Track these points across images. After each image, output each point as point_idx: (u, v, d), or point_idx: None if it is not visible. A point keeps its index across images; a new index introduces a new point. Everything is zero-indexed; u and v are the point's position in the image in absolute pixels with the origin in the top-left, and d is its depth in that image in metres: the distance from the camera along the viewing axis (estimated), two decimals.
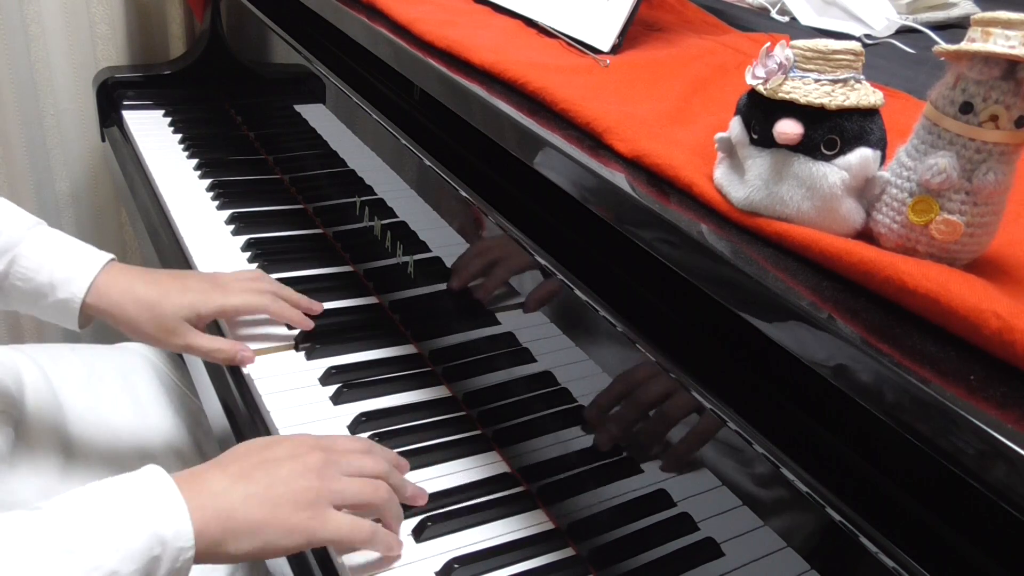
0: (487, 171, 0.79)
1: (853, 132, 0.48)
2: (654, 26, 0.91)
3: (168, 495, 0.54)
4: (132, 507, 0.53)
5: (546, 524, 0.72)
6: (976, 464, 0.37)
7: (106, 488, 0.54)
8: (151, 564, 0.51)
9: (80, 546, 0.49)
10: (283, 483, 0.60)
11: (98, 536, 0.50)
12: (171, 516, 0.53)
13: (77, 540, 0.50)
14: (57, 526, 0.50)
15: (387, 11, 0.89)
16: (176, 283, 0.85)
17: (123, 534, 0.51)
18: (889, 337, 0.42)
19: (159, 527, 0.52)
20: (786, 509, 0.50)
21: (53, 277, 0.80)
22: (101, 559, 0.50)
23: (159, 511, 0.53)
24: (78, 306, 0.82)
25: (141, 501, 0.53)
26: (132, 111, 1.44)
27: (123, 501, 0.53)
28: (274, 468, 0.61)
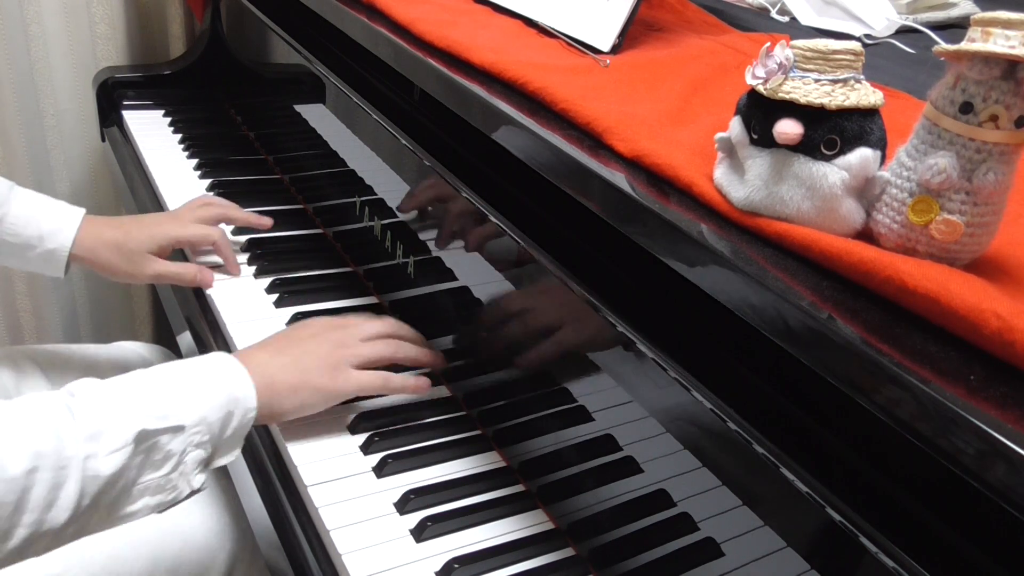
0: (487, 171, 0.79)
1: (853, 132, 0.48)
2: (654, 26, 0.91)
3: (235, 366, 0.69)
4: (213, 374, 0.68)
5: (546, 524, 0.72)
6: (976, 464, 0.37)
7: (191, 363, 0.68)
8: (227, 418, 0.66)
9: (182, 398, 0.63)
10: (310, 354, 0.74)
11: (192, 393, 0.64)
12: (239, 381, 0.68)
13: (178, 393, 0.64)
14: (157, 382, 0.64)
15: (387, 11, 0.89)
16: (135, 223, 0.99)
17: (208, 393, 0.65)
18: (889, 337, 0.42)
19: (232, 389, 0.67)
20: (786, 509, 0.50)
21: (41, 230, 0.92)
22: (198, 408, 0.64)
23: (231, 377, 0.68)
24: (66, 254, 0.94)
25: (218, 370, 0.68)
26: (132, 111, 1.44)
27: (206, 370, 0.68)
28: (302, 344, 0.75)
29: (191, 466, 0.64)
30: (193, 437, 0.63)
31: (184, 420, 0.62)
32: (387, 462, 0.75)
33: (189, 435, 0.62)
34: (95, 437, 0.58)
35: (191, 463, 0.63)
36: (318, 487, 0.73)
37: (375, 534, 0.69)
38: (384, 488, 0.73)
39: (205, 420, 0.63)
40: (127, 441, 0.59)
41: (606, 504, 0.66)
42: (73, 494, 0.56)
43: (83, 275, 1.64)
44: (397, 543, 0.69)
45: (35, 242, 0.92)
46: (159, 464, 0.61)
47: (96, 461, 0.57)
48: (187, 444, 0.63)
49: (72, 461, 0.56)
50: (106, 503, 0.59)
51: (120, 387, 0.62)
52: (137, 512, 0.61)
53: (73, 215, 0.94)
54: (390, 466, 0.75)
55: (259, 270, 1.02)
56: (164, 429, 0.61)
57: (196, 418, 0.63)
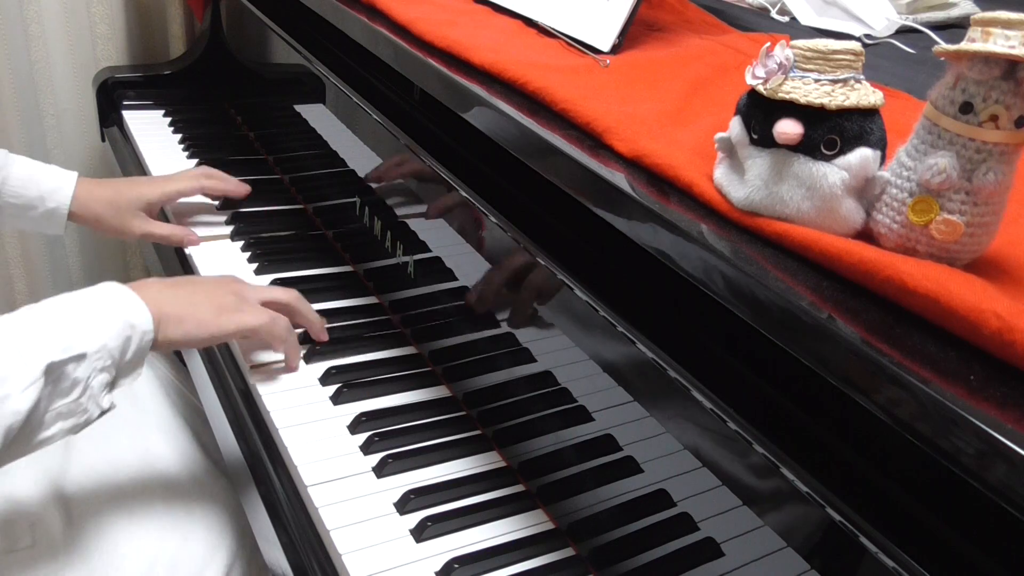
0: (487, 171, 0.79)
1: (853, 132, 0.48)
2: (654, 26, 0.91)
3: (128, 295, 0.72)
4: (108, 303, 0.71)
5: (546, 524, 0.72)
6: (976, 464, 0.37)
7: (83, 294, 0.71)
8: (126, 342, 0.69)
9: (81, 328, 0.66)
10: (201, 293, 0.79)
11: (90, 322, 0.68)
12: (134, 308, 0.71)
13: (77, 324, 0.67)
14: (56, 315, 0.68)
15: (387, 11, 0.89)
16: (126, 183, 1.08)
17: (105, 320, 0.68)
18: (889, 337, 0.42)
19: (128, 315, 0.70)
20: (786, 509, 0.50)
21: (41, 190, 1.01)
22: (98, 336, 0.67)
23: (126, 305, 0.71)
24: (66, 211, 1.02)
25: (113, 299, 0.71)
26: (132, 111, 1.44)
27: (101, 300, 0.71)
28: (198, 285, 0.81)
29: (97, 389, 0.68)
30: (96, 363, 0.67)
31: (86, 348, 0.66)
32: (387, 462, 0.75)
33: (92, 361, 0.66)
34: (5, 380, 0.61)
35: (97, 387, 0.67)
36: (318, 487, 0.73)
37: (375, 534, 0.69)
38: (384, 488, 0.73)
39: (106, 347, 0.67)
40: (37, 376, 0.62)
41: (606, 504, 0.66)
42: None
43: (83, 274, 1.64)
44: (397, 543, 0.69)
45: (36, 202, 1.00)
46: (67, 391, 0.65)
47: (12, 401, 0.61)
48: (91, 370, 0.66)
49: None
50: (25, 434, 0.63)
51: (19, 325, 0.66)
52: (53, 436, 0.65)
53: (68, 176, 1.03)
54: (390, 466, 0.75)
55: (259, 270, 1.02)
56: (69, 359, 0.65)
57: (97, 345, 0.67)
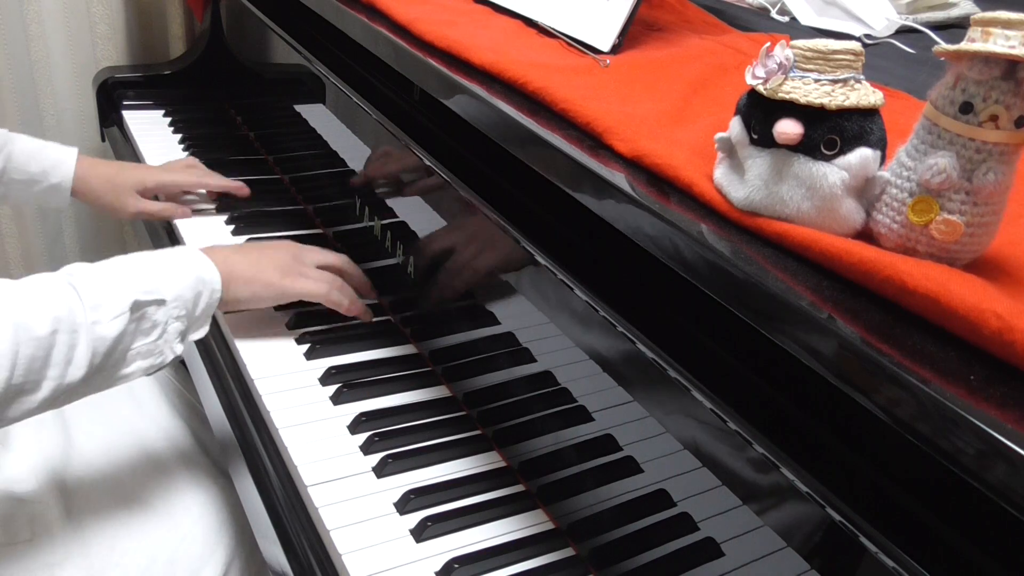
0: (487, 171, 0.79)
1: (853, 132, 0.48)
2: (654, 26, 0.91)
3: (201, 256, 0.80)
4: (184, 261, 0.78)
5: (546, 524, 0.72)
6: (976, 464, 0.37)
7: (164, 252, 0.78)
8: (198, 297, 0.77)
9: (161, 278, 0.74)
10: (267, 257, 0.86)
11: (168, 274, 0.75)
12: (206, 267, 0.79)
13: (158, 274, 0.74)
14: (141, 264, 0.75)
15: (387, 11, 0.89)
16: (125, 166, 1.14)
17: (181, 275, 0.76)
18: (889, 337, 0.42)
19: (201, 273, 0.78)
20: (786, 509, 0.50)
21: (43, 165, 1.06)
22: (176, 286, 0.74)
23: (199, 264, 0.79)
24: (69, 185, 1.07)
25: (188, 258, 0.79)
26: (132, 111, 1.44)
27: (178, 257, 0.78)
28: (262, 250, 0.88)
29: (172, 335, 0.74)
30: (173, 310, 0.73)
31: (166, 295, 0.73)
32: (387, 462, 0.75)
33: (170, 308, 0.73)
34: (97, 307, 0.67)
35: (172, 332, 0.74)
36: (318, 487, 0.73)
37: (375, 534, 0.69)
38: (384, 488, 0.73)
39: (181, 297, 0.74)
40: (124, 309, 0.69)
41: (606, 504, 0.66)
42: (86, 354, 0.66)
43: None
44: (397, 543, 0.69)
45: (40, 177, 1.06)
46: (148, 331, 0.72)
47: (101, 327, 0.67)
48: (168, 316, 0.73)
49: (82, 327, 0.66)
50: (110, 364, 0.69)
51: (110, 268, 0.72)
52: (132, 374, 0.72)
53: (69, 151, 1.08)
54: (390, 466, 0.75)
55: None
56: (151, 301, 0.71)
57: (175, 294, 0.73)
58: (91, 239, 1.63)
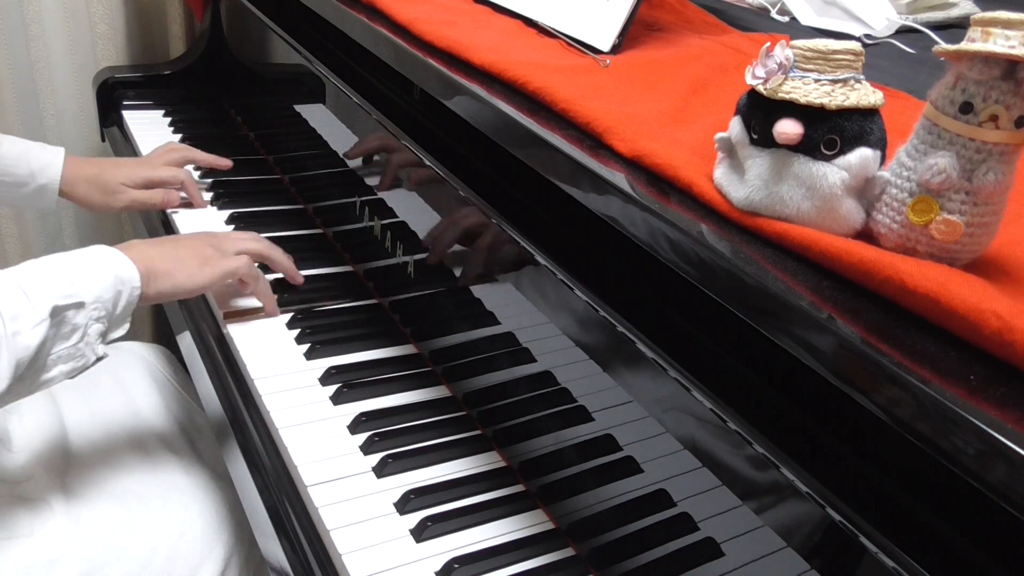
0: (487, 171, 0.79)
1: (853, 132, 0.48)
2: (654, 26, 0.91)
3: (117, 254, 0.78)
4: (100, 260, 0.76)
5: (546, 524, 0.72)
6: (976, 464, 0.37)
7: (78, 253, 0.76)
8: (118, 296, 0.75)
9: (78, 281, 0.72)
10: (186, 247, 0.86)
11: (86, 276, 0.73)
12: (123, 265, 0.77)
13: (75, 277, 0.72)
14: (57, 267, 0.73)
15: (387, 11, 0.89)
16: (110, 163, 1.14)
17: (99, 275, 0.74)
18: (889, 337, 0.42)
19: (118, 272, 0.76)
20: (786, 509, 0.50)
21: (31, 167, 1.05)
22: (94, 288, 0.73)
23: (116, 262, 0.77)
24: (57, 187, 1.07)
25: (104, 257, 0.77)
26: (132, 111, 1.44)
27: (94, 257, 0.76)
28: (180, 240, 0.88)
29: (93, 337, 0.73)
30: (93, 312, 0.73)
31: (85, 297, 0.72)
32: (387, 462, 0.75)
33: (89, 310, 0.72)
34: (16, 317, 0.66)
35: (93, 334, 0.73)
36: (318, 487, 0.73)
37: (375, 534, 0.69)
38: (384, 488, 0.73)
39: (100, 298, 0.73)
40: (44, 316, 0.68)
41: (606, 504, 0.66)
42: (9, 366, 0.66)
43: None
44: (397, 543, 0.69)
45: (28, 179, 1.05)
46: (68, 335, 0.71)
47: (22, 337, 0.67)
48: (88, 319, 0.72)
49: (2, 339, 0.65)
50: (31, 373, 0.68)
51: (25, 274, 0.71)
52: (54, 378, 0.71)
53: (56, 152, 1.08)
54: (390, 466, 0.75)
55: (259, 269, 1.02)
56: (71, 305, 0.70)
57: (94, 295, 0.73)
58: (91, 239, 1.63)
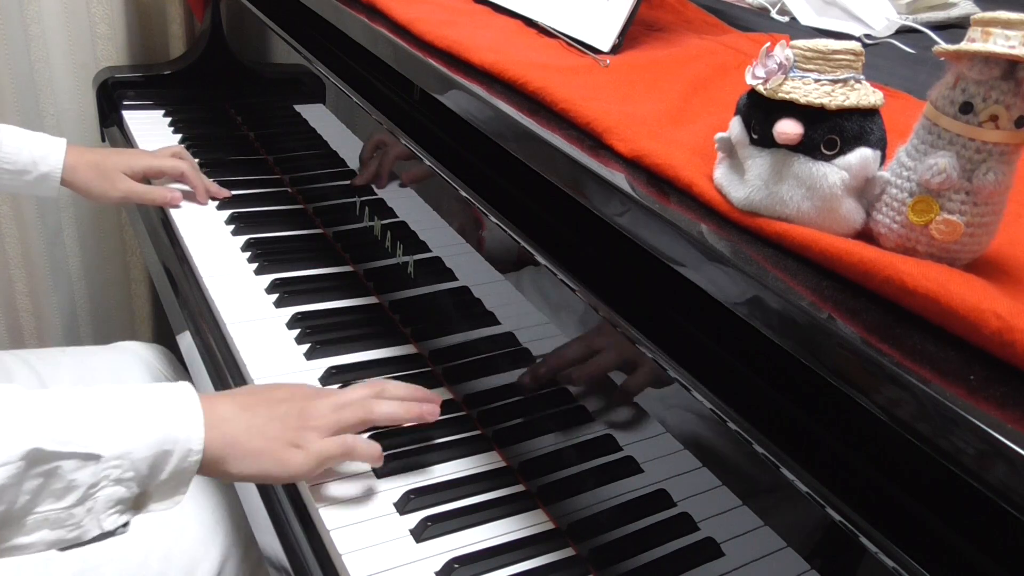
0: (487, 171, 0.79)
1: (853, 132, 0.48)
2: (654, 26, 0.91)
3: (189, 404, 0.62)
4: (158, 406, 0.60)
5: (546, 524, 0.72)
6: (976, 464, 0.37)
7: (143, 389, 0.62)
8: (161, 457, 0.58)
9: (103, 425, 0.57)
10: (280, 420, 0.67)
11: (116, 421, 0.57)
12: (187, 421, 0.60)
13: (96, 418, 0.57)
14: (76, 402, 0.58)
15: (387, 11, 0.89)
16: (113, 151, 1.14)
17: (145, 425, 0.58)
18: (889, 337, 0.42)
19: (174, 427, 0.59)
20: (786, 509, 0.50)
21: (33, 155, 1.05)
22: (124, 440, 0.57)
23: (179, 414, 0.60)
24: (59, 175, 1.07)
25: (168, 403, 0.61)
26: (132, 111, 1.44)
27: (154, 400, 0.61)
28: (275, 407, 0.68)
29: (104, 504, 0.56)
30: (111, 471, 0.56)
31: (100, 449, 0.55)
32: (387, 462, 0.75)
33: (105, 467, 0.55)
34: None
35: (104, 500, 0.56)
36: (318, 487, 0.73)
37: (375, 534, 0.69)
38: (384, 488, 0.73)
39: (129, 455, 0.56)
40: (14, 457, 0.52)
41: (606, 504, 0.66)
42: None
43: (83, 274, 1.64)
44: (397, 543, 0.69)
45: (30, 167, 1.05)
46: (60, 494, 0.54)
47: None
48: (101, 477, 0.55)
49: None
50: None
51: (27, 399, 0.56)
52: (31, 545, 0.55)
53: (58, 142, 1.08)
54: (390, 466, 0.75)
55: (259, 269, 1.02)
56: (68, 454, 0.54)
57: (118, 450, 0.56)
58: (91, 239, 1.63)
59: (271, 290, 0.98)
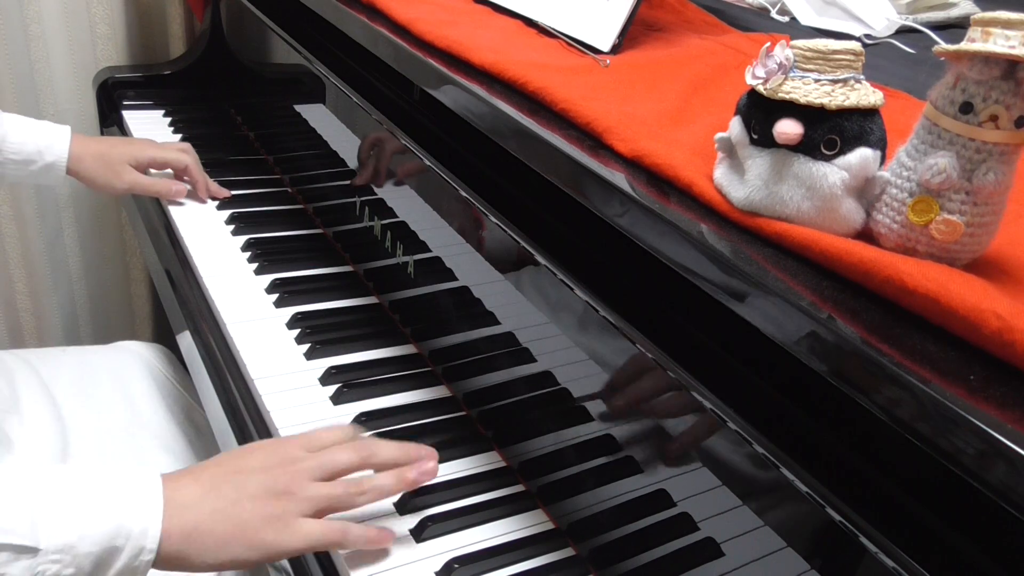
0: (487, 171, 0.79)
1: (853, 132, 0.48)
2: (654, 26, 0.91)
3: (147, 492, 0.56)
4: (110, 493, 0.54)
5: (546, 524, 0.72)
6: (976, 464, 0.37)
7: (104, 473, 0.56)
8: (108, 554, 0.52)
9: (45, 514, 0.51)
10: (251, 499, 0.59)
11: (71, 511, 0.52)
12: (142, 512, 0.54)
13: (43, 506, 0.51)
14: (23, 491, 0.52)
15: (387, 11, 0.89)
16: (118, 141, 1.14)
17: (94, 516, 0.52)
18: (889, 337, 0.42)
19: (127, 518, 0.53)
20: (786, 509, 0.50)
21: (39, 145, 1.05)
22: (69, 532, 0.51)
23: (133, 503, 0.54)
24: (64, 165, 1.06)
25: (121, 491, 0.55)
26: (132, 111, 1.44)
27: (106, 487, 0.54)
28: (244, 481, 0.60)
29: None
30: (49, 566, 0.50)
31: (39, 541, 0.50)
32: None
33: (43, 561, 0.50)
34: None
35: None
36: None
37: None
38: None
39: (72, 549, 0.51)
40: None
41: (606, 504, 0.66)
42: None
43: (83, 274, 1.64)
44: (397, 543, 0.68)
45: (36, 157, 1.05)
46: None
47: None
48: (35, 572, 0.50)
49: None
50: None
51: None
52: None
53: (63, 130, 1.08)
54: None
55: (259, 269, 1.02)
56: (1, 545, 0.49)
57: (59, 543, 0.51)
58: (91, 239, 1.63)
59: (271, 290, 0.98)
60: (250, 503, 0.59)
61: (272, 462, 0.62)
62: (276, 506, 0.59)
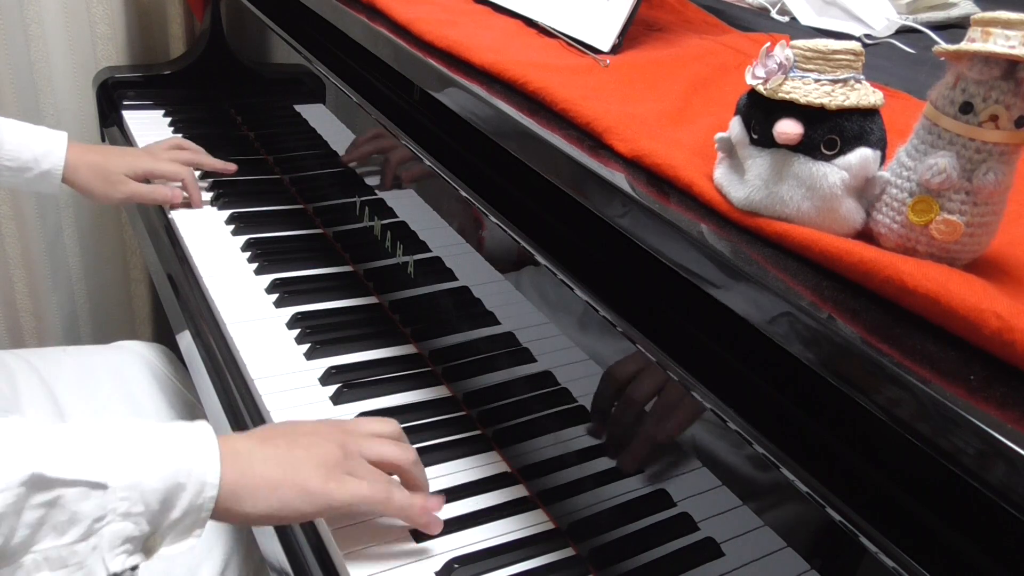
0: (487, 171, 0.79)
1: (853, 132, 0.48)
2: (654, 26, 0.91)
3: (204, 437, 0.57)
4: (171, 436, 0.56)
5: (546, 524, 0.72)
6: (976, 464, 0.37)
7: (159, 424, 0.57)
8: (173, 491, 0.53)
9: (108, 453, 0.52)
10: (303, 448, 0.61)
11: (125, 450, 0.53)
12: (202, 453, 0.56)
13: (104, 446, 0.52)
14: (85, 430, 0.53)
15: (387, 11, 0.89)
16: (114, 152, 1.14)
17: (157, 455, 0.53)
18: (889, 337, 0.42)
19: (188, 459, 0.55)
20: (786, 509, 0.50)
21: (35, 153, 1.05)
22: (134, 470, 0.52)
23: (193, 446, 0.56)
24: (60, 173, 1.06)
25: (181, 435, 0.56)
26: (132, 111, 1.44)
27: (167, 432, 0.56)
28: (297, 437, 0.62)
29: (110, 541, 0.51)
30: (118, 503, 0.50)
31: (107, 478, 0.50)
32: None
33: (112, 499, 0.50)
34: None
35: (110, 537, 0.50)
36: None
37: (376, 534, 0.69)
38: None
39: (139, 486, 0.51)
40: (13, 483, 0.47)
41: (606, 504, 0.66)
42: None
43: (83, 274, 1.64)
44: (397, 543, 0.68)
45: (32, 164, 1.04)
46: (63, 528, 0.49)
47: None
48: (107, 510, 0.50)
49: None
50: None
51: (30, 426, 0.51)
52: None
53: (59, 137, 1.07)
54: None
55: (259, 269, 1.02)
56: (71, 481, 0.49)
57: (127, 480, 0.51)
58: (91, 239, 1.63)
59: (271, 290, 0.98)
60: (303, 451, 0.61)
61: (324, 428, 0.65)
62: (329, 457, 0.61)
